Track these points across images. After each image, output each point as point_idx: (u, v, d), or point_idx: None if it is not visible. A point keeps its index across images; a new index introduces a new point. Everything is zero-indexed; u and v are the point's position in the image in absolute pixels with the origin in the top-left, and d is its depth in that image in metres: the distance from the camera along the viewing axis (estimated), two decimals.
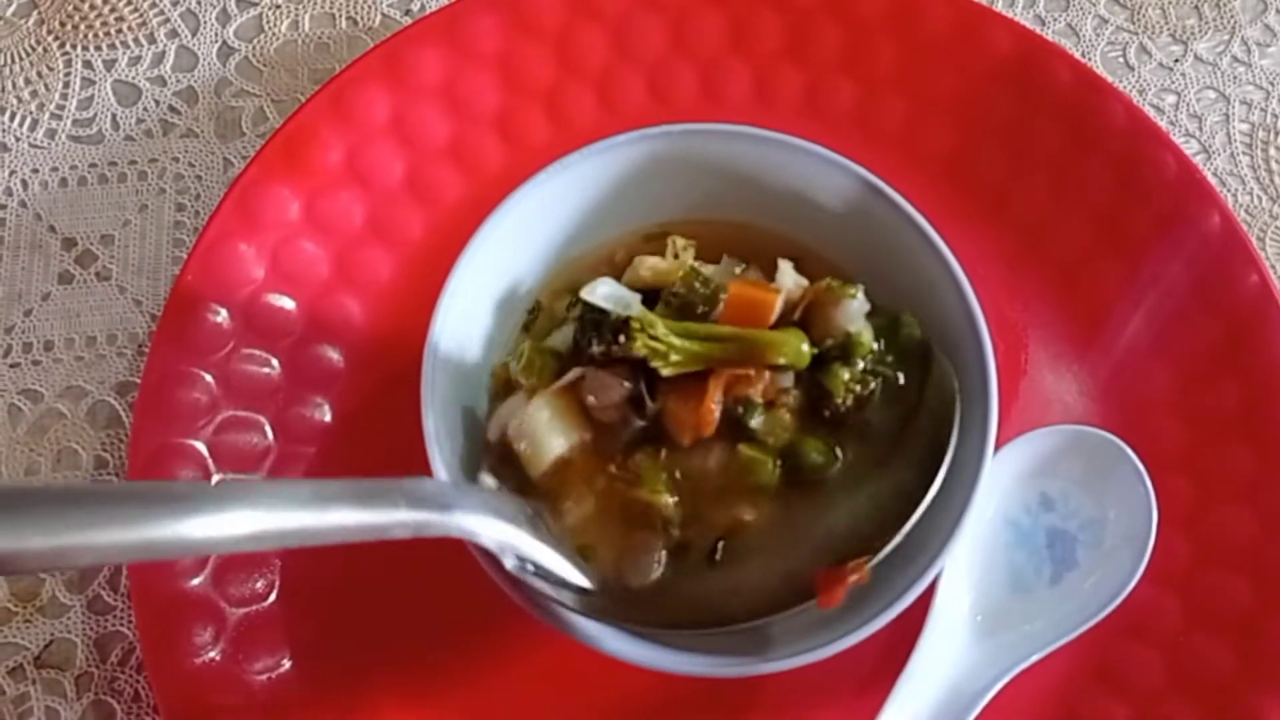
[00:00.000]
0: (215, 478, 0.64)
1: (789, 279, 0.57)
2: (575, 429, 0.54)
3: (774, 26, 0.74)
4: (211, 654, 0.61)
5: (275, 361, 0.67)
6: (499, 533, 0.48)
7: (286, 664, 0.62)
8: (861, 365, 0.55)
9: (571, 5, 0.74)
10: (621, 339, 0.52)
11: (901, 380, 0.56)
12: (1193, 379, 0.67)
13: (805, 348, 0.54)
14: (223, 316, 0.66)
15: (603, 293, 0.54)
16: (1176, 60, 0.80)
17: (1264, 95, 0.79)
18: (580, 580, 0.52)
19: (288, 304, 0.68)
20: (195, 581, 0.62)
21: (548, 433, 0.54)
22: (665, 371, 0.52)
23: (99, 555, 0.34)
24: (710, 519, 0.54)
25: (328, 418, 0.67)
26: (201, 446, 0.64)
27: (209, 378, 0.65)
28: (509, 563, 0.50)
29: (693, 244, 0.59)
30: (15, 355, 0.71)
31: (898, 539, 0.51)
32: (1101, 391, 0.68)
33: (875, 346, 0.55)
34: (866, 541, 0.51)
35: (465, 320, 0.57)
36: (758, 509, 0.54)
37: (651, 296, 0.56)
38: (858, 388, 0.54)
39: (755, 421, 0.53)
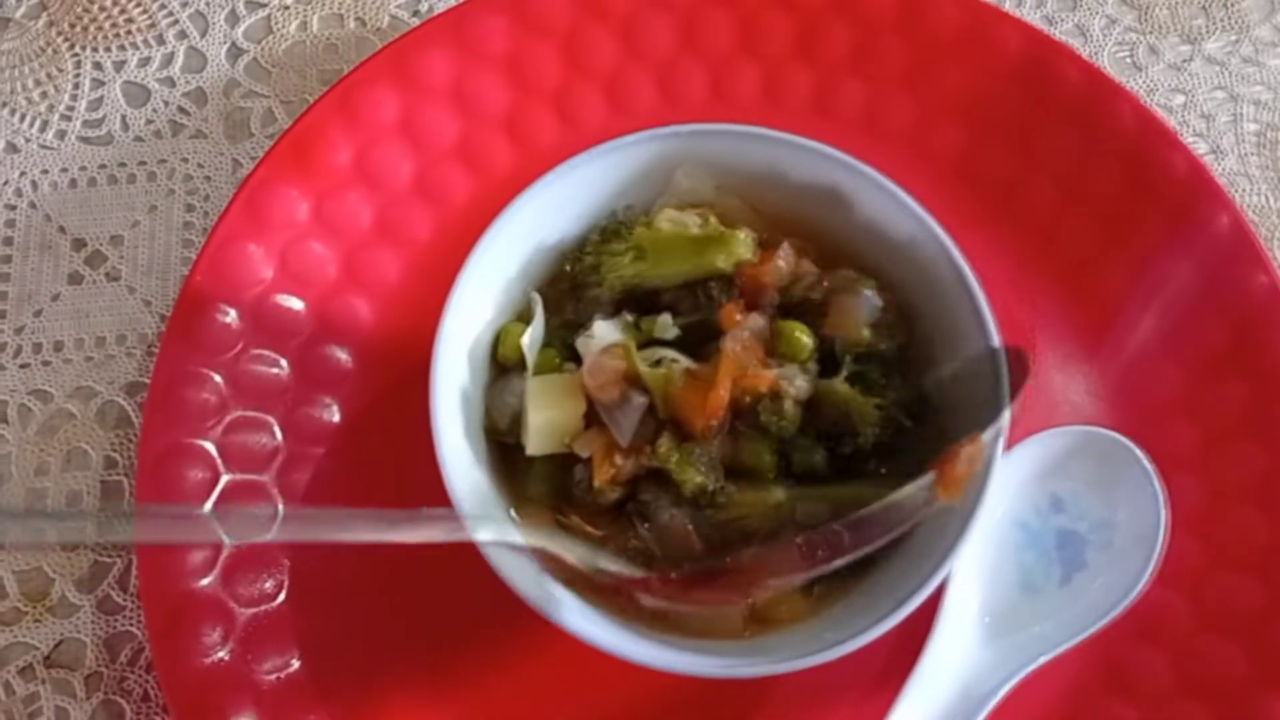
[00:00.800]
0: (224, 478, 0.64)
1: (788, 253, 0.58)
2: (577, 403, 0.55)
3: (783, 26, 0.74)
4: (220, 654, 0.61)
5: (284, 362, 0.67)
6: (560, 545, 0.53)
7: (295, 664, 0.62)
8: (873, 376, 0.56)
9: (580, 5, 0.74)
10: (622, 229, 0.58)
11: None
12: (1202, 379, 0.67)
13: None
14: (232, 317, 0.66)
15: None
16: (1185, 60, 0.80)
17: (1273, 95, 0.79)
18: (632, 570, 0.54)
19: (296, 304, 0.68)
20: (204, 582, 0.62)
21: (544, 408, 0.56)
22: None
23: None
24: (735, 494, 0.55)
25: (336, 418, 0.67)
26: (210, 446, 0.64)
27: (218, 378, 0.65)
28: (570, 558, 0.53)
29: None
30: (25, 355, 0.71)
31: (1004, 416, 0.52)
32: (1111, 392, 0.67)
33: (870, 337, 0.57)
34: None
35: (474, 320, 0.57)
36: (780, 480, 0.56)
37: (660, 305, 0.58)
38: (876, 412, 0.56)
39: (763, 413, 0.54)
